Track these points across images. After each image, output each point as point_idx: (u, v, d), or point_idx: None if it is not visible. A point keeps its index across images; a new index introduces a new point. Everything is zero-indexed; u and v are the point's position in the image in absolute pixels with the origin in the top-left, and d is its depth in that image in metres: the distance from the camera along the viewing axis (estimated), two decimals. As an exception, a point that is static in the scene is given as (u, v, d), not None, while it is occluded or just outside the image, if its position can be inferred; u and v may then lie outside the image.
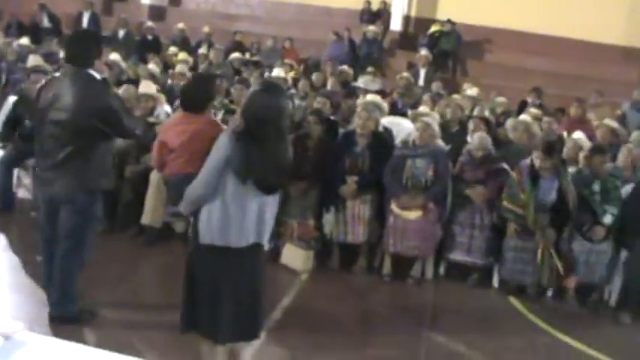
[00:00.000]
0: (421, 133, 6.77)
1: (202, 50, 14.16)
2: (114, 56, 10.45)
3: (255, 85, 4.47)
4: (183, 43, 15.21)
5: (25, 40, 11.86)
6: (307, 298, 6.22)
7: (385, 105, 7.34)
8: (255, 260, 4.00)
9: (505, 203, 6.51)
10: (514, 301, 6.53)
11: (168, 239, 6.98)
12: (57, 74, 5.63)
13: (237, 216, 3.82)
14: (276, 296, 6.01)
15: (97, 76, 4.82)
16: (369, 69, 13.61)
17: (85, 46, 4.80)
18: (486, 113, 8.61)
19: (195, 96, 4.24)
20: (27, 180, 7.72)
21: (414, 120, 7.69)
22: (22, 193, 7.73)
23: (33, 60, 8.71)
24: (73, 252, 4.90)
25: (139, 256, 6.64)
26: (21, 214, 7.35)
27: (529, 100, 11.83)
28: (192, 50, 14.57)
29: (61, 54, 10.62)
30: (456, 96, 9.47)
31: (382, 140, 7.04)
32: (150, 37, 15.53)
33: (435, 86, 13.14)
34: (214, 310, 3.92)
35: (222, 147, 3.75)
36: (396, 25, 16.75)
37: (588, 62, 15.23)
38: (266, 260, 4.18)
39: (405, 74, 13.25)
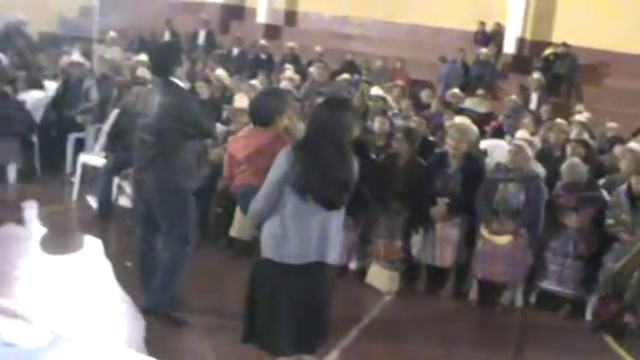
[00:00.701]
0: (513, 157, 6.58)
1: (312, 69, 14.32)
2: (219, 72, 10.71)
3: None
4: (295, 62, 15.43)
5: (143, 56, 12.30)
6: (389, 319, 6.14)
7: (474, 127, 7.18)
8: (316, 278, 3.97)
9: (609, 221, 6.28)
10: (608, 338, 6.15)
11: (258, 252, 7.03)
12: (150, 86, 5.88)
13: (297, 233, 3.82)
14: (356, 315, 5.99)
15: (181, 84, 5.05)
16: (480, 91, 13.43)
17: (165, 57, 5.08)
18: (585, 136, 8.26)
19: (262, 110, 4.29)
20: (128, 189, 8.01)
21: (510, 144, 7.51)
22: (122, 202, 8.02)
23: (140, 72, 9.05)
24: (173, 248, 5.15)
25: (226, 267, 6.72)
26: (118, 221, 7.63)
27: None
28: (302, 69, 14.76)
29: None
30: (559, 120, 9.16)
31: (475, 162, 6.90)
32: (263, 56, 15.84)
33: (544, 110, 12.80)
34: (271, 324, 3.92)
35: (281, 162, 3.77)
36: (509, 47, 16.39)
37: None
38: (330, 276, 4.13)
39: (513, 97, 13.00)
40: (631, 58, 15.29)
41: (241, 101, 7.33)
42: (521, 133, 7.95)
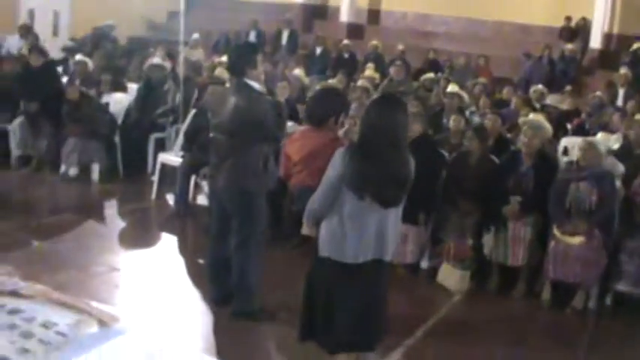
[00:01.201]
0: (584, 154, 6.40)
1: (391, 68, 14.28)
2: (297, 72, 10.81)
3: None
4: (377, 61, 15.40)
5: (224, 57, 12.52)
6: (457, 319, 6.08)
7: (548, 124, 7.02)
8: (374, 276, 4.00)
9: None
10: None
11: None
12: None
13: (355, 232, 3.85)
14: (425, 314, 5.97)
15: (254, 85, 5.12)
16: (567, 88, 13.14)
17: (239, 58, 5.19)
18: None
19: (317, 110, 4.32)
20: (205, 188, 8.20)
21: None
22: (200, 200, 8.23)
23: (218, 72, 9.24)
24: (245, 247, 5.26)
25: (295, 265, 6.75)
26: (195, 220, 7.83)
27: None
28: (384, 68, 14.73)
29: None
30: (639, 116, 8.86)
31: (548, 160, 6.76)
32: (346, 55, 15.89)
33: (630, 106, 12.40)
34: (329, 321, 3.97)
35: (336, 164, 3.81)
36: (595, 42, 15.94)
37: None
38: (388, 274, 4.15)
39: (598, 93, 12.60)
40: None
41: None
42: (604, 137, 7.68)
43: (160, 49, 12.58)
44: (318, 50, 16.28)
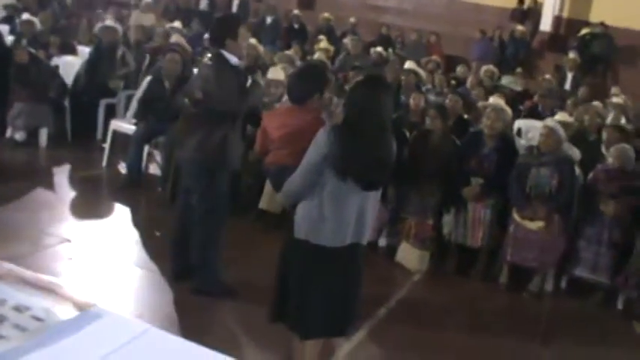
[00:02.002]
0: (545, 139, 6.40)
1: (346, 40, 14.17)
2: (252, 41, 10.58)
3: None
4: (329, 33, 15.26)
5: (177, 23, 12.18)
6: (416, 299, 6.08)
7: (508, 109, 7.01)
8: (351, 260, 3.91)
9: None
10: (638, 326, 6.09)
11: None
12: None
13: (334, 216, 3.74)
14: (384, 294, 5.94)
15: (231, 58, 4.95)
16: (518, 70, 13.26)
17: (220, 28, 5.01)
18: (622, 120, 8.07)
19: (300, 87, 4.17)
20: (157, 157, 8.00)
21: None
22: (152, 169, 8.02)
23: (175, 38, 8.99)
24: (205, 222, 5.09)
25: (254, 240, 6.67)
26: (148, 190, 7.64)
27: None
28: (336, 40, 14.61)
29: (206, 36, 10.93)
30: (596, 103, 8.97)
31: (510, 143, 6.77)
32: (296, 26, 15.71)
33: (582, 92, 12.59)
34: (302, 305, 3.87)
35: (319, 143, 3.68)
36: (546, 25, 16.13)
37: None
38: (364, 259, 4.07)
39: (548, 77, 12.82)
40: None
41: (275, 73, 7.25)
42: (561, 116, 7.77)
43: (112, 11, 12.15)
44: (269, 19, 16.07)
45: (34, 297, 2.75)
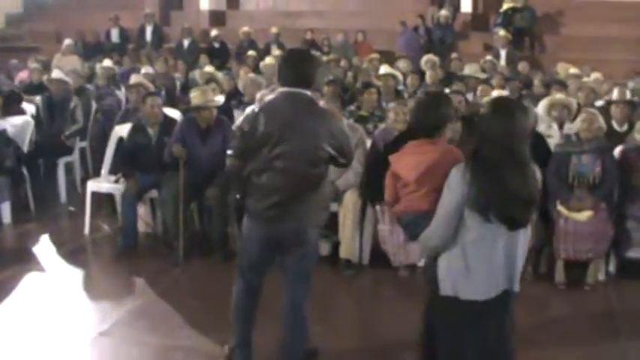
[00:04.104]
0: (588, 126, 6.16)
1: (274, 52, 13.72)
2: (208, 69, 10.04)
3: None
4: (251, 47, 14.76)
5: (107, 62, 11.38)
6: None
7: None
8: (503, 310, 3.50)
9: None
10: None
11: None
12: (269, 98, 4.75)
13: (482, 264, 3.34)
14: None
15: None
16: (453, 55, 13.18)
17: (309, 68, 4.20)
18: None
19: (430, 118, 3.66)
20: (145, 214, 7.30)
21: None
22: (141, 228, 7.22)
23: (134, 79, 8.32)
24: (307, 295, 4.38)
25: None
26: (152, 254, 6.88)
27: None
28: (261, 53, 14.13)
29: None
30: (586, 79, 8.85)
31: (541, 139, 6.50)
32: (217, 45, 15.22)
33: (522, 67, 12.63)
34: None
35: (455, 185, 3.28)
36: (466, 6, 16.11)
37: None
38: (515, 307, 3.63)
39: (489, 57, 12.82)
40: (586, 4, 15.27)
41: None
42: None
43: (32, 60, 11.25)
44: (186, 42, 15.44)
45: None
